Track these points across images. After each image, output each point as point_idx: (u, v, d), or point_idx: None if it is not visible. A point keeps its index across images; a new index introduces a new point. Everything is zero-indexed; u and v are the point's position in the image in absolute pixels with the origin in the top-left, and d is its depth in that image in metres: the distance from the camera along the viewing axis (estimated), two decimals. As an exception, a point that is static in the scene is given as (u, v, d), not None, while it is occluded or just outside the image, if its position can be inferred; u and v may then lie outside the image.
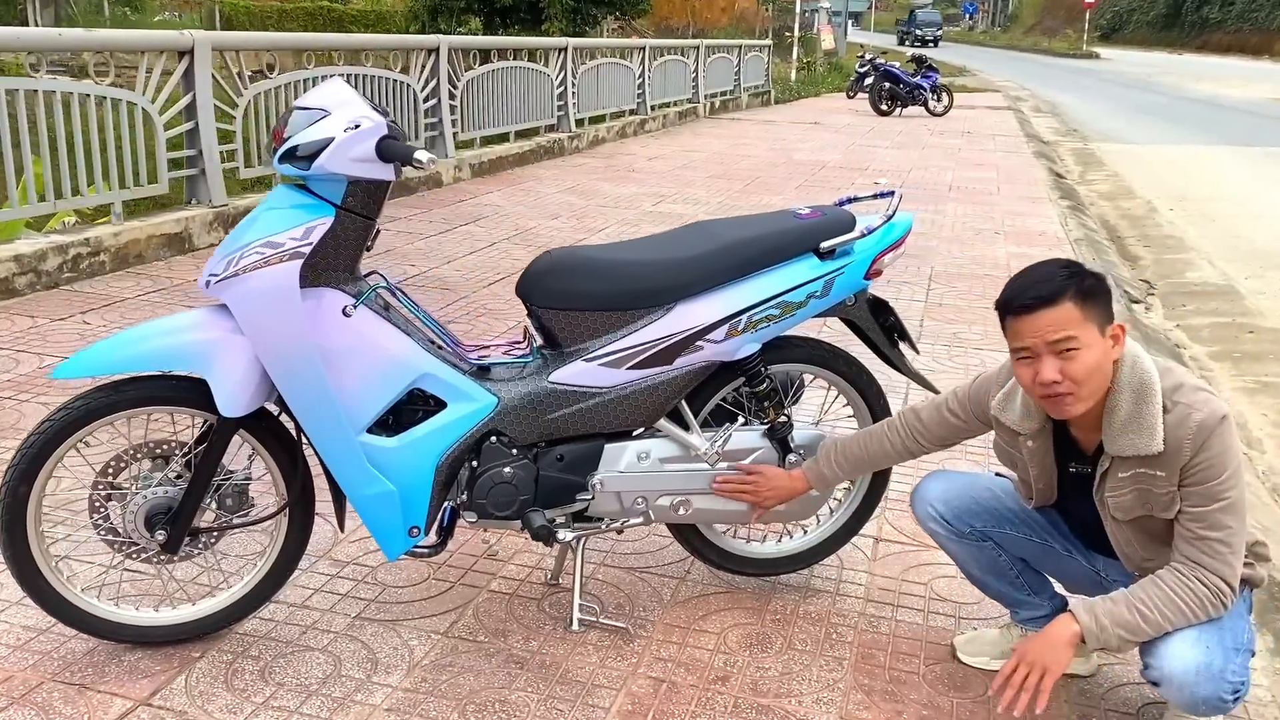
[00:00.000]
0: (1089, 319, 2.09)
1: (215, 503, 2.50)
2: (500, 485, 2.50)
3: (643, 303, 2.51)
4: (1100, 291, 2.11)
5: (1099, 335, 2.10)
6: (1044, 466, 2.37)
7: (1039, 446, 2.35)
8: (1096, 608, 2.11)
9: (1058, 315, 2.10)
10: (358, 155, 2.20)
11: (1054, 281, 2.11)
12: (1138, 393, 2.12)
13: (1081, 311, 2.09)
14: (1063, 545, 2.50)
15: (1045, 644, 2.10)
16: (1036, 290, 2.13)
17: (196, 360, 2.29)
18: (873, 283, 2.70)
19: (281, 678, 2.44)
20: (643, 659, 2.58)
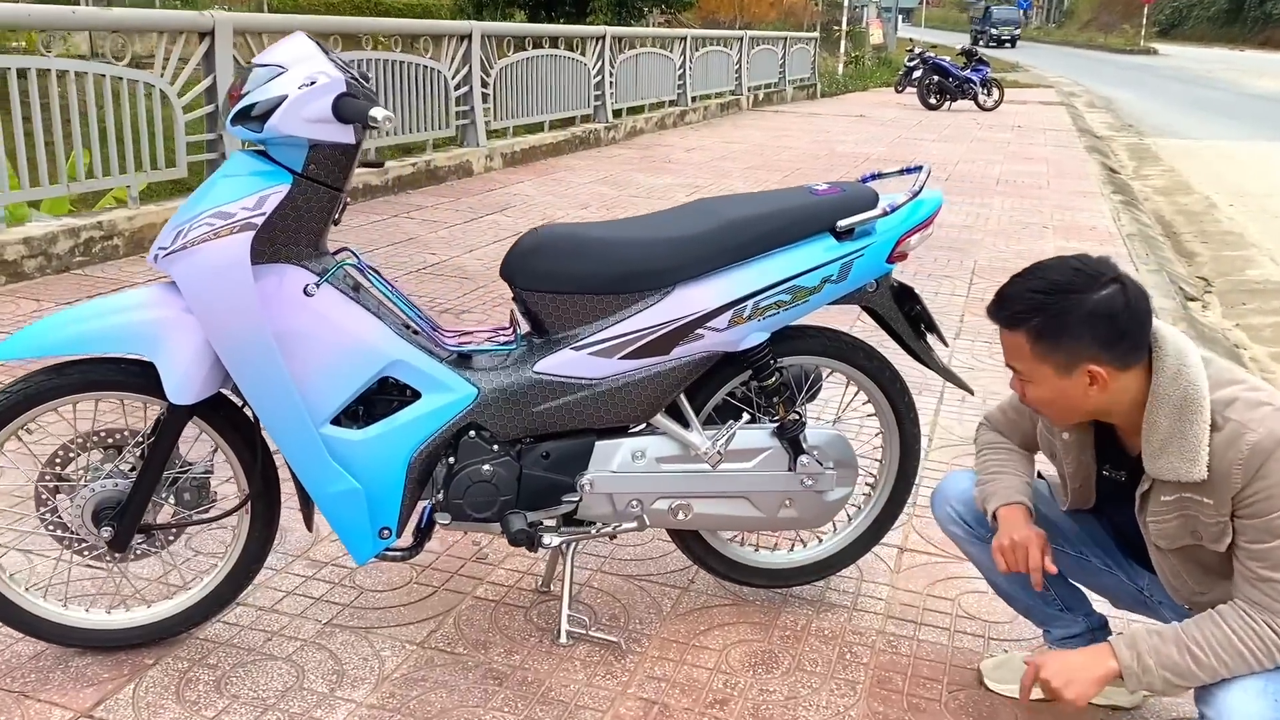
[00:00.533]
0: (1041, 359, 1.87)
1: (172, 498, 2.31)
2: (479, 484, 2.28)
3: (637, 285, 2.27)
4: (1063, 333, 1.83)
5: (1052, 376, 1.87)
6: (1080, 464, 2.10)
7: (1075, 441, 2.08)
8: (1141, 643, 1.83)
9: (1012, 341, 1.91)
10: (312, 115, 1.99)
11: (1015, 304, 1.88)
12: (1179, 409, 1.83)
13: (1033, 348, 1.87)
14: (1101, 559, 2.23)
15: (1073, 668, 1.85)
16: (998, 304, 1.92)
17: (142, 342, 2.09)
18: (897, 267, 2.44)
19: (238, 689, 2.24)
20: (634, 678, 2.34)
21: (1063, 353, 1.84)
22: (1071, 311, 1.82)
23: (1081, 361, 1.84)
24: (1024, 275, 1.91)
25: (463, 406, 2.26)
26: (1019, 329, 1.87)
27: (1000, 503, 2.14)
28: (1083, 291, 1.83)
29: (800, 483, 2.46)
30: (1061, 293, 1.84)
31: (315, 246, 2.16)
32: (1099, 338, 1.82)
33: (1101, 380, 1.85)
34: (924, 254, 6.78)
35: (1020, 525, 2.09)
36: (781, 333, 2.46)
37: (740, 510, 2.47)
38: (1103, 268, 1.86)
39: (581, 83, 11.48)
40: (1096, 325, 1.82)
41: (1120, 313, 1.82)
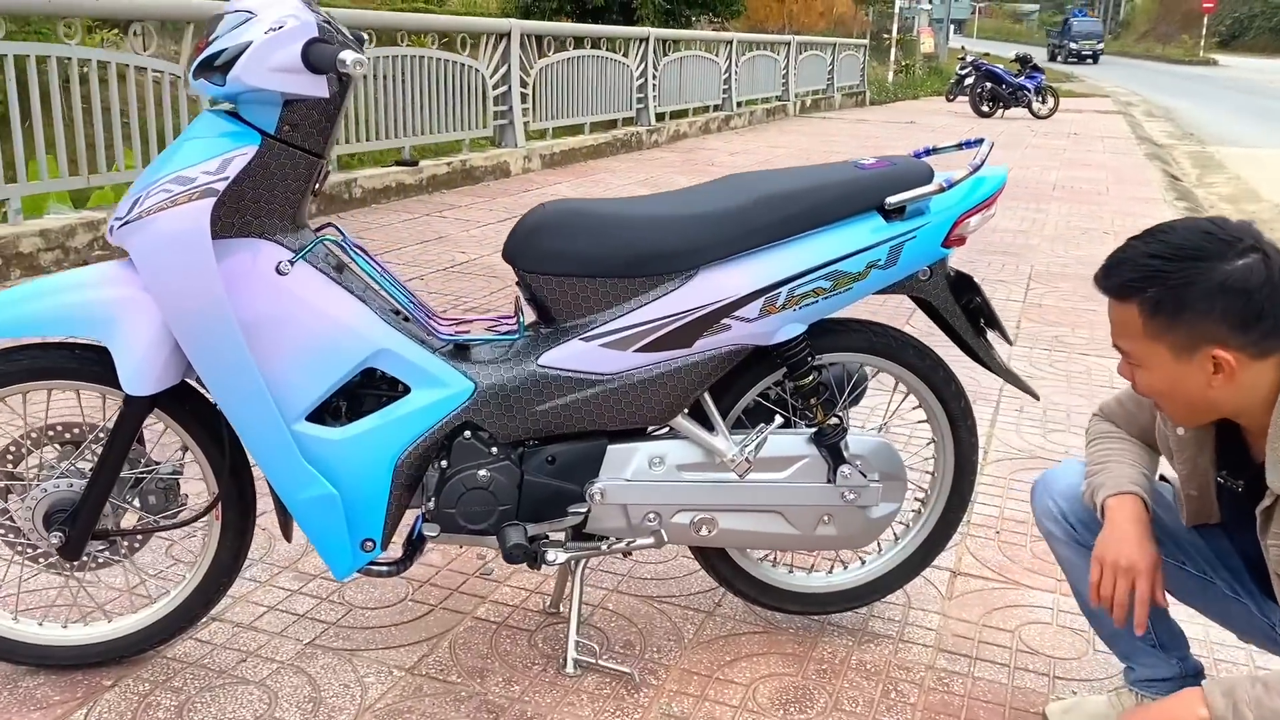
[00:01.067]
0: (1155, 338, 1.56)
1: (137, 501, 2.07)
2: (473, 491, 2.01)
3: (655, 268, 2.00)
4: (1184, 308, 1.52)
5: (1168, 359, 1.56)
6: (1195, 468, 1.78)
7: (1191, 438, 1.75)
8: (1240, 691, 1.50)
9: (1120, 315, 1.60)
10: (279, 64, 1.74)
11: (1129, 270, 1.57)
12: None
13: (1147, 325, 1.56)
14: (1229, 584, 1.88)
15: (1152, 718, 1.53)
16: (1108, 270, 1.60)
17: (95, 325, 1.85)
18: (954, 254, 2.14)
19: (201, 716, 1.99)
20: (647, 715, 2.06)
21: (1182, 331, 1.53)
22: (1197, 282, 1.50)
23: (1205, 344, 1.52)
24: (1143, 238, 1.59)
25: (457, 404, 1.99)
26: (1131, 300, 1.55)
27: (1110, 492, 1.80)
28: (1213, 259, 1.51)
29: (840, 496, 2.17)
30: (1187, 259, 1.52)
31: (291, 220, 1.92)
32: (1229, 316, 1.50)
33: (1228, 368, 1.52)
34: (978, 258, 6.45)
35: (1129, 536, 1.74)
36: (820, 326, 2.17)
37: (772, 526, 2.18)
38: (1241, 233, 1.54)
39: (624, 85, 11.24)
40: (1227, 300, 1.49)
41: (1259, 288, 1.49)
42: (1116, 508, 1.78)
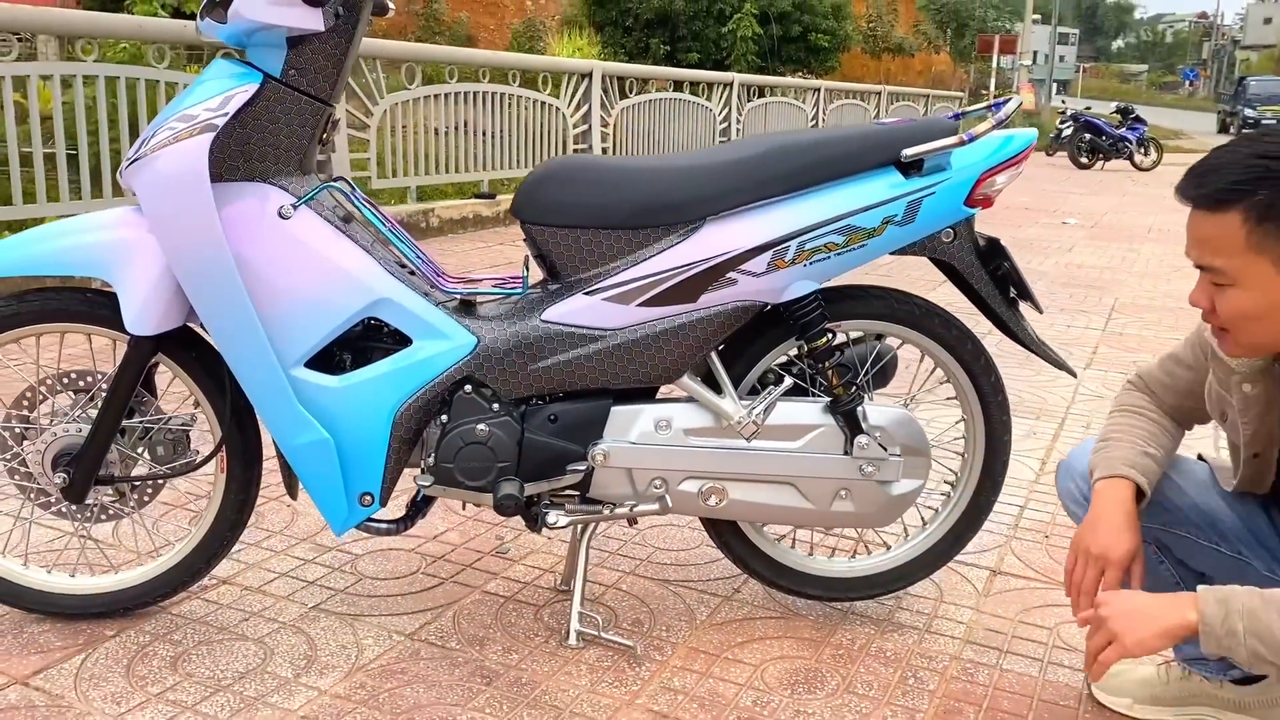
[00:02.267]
0: (1259, 250, 1.42)
1: (147, 452, 2.08)
2: (471, 446, 1.97)
3: (659, 219, 1.95)
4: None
5: (1273, 274, 1.42)
6: (1261, 425, 1.63)
7: (1258, 393, 1.61)
8: (1234, 601, 1.39)
9: (1214, 228, 1.44)
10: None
11: (1229, 173, 1.43)
12: None
13: (1249, 236, 1.42)
14: (1267, 563, 1.73)
15: (1139, 614, 1.44)
16: (1202, 179, 1.46)
17: (101, 265, 1.88)
18: (979, 214, 2.05)
19: (194, 668, 1.97)
20: (646, 688, 1.97)
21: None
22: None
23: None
24: (1240, 143, 1.47)
25: (458, 357, 1.96)
26: (1232, 207, 1.41)
27: (1102, 474, 1.70)
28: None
29: (859, 469, 2.07)
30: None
31: (298, 167, 1.93)
32: None
33: None
34: (1060, 290, 6.25)
35: (1108, 523, 1.64)
36: (839, 292, 2.10)
37: (785, 499, 2.09)
38: None
39: (706, 128, 11.30)
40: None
41: None
42: (1102, 491, 1.69)
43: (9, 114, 4.83)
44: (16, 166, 4.97)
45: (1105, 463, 1.72)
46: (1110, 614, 1.45)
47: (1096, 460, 1.75)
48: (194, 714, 1.83)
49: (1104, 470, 1.71)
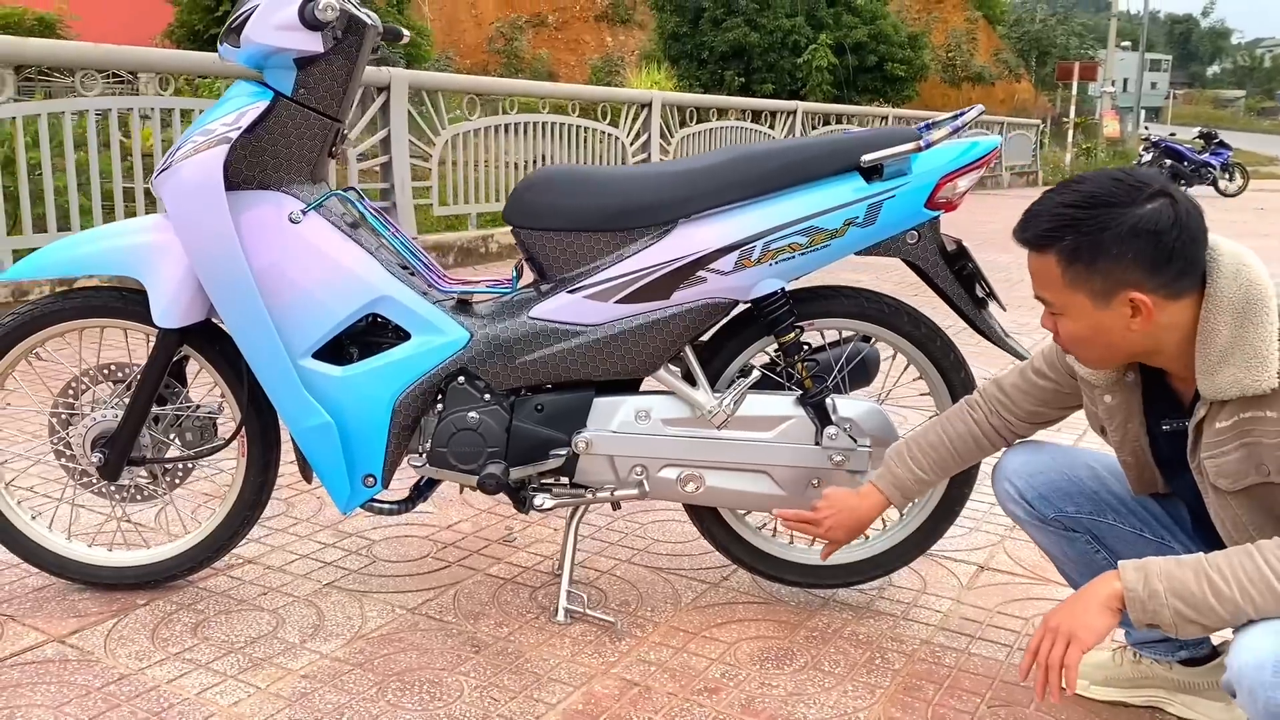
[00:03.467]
0: (1074, 286, 1.57)
1: (176, 437, 2.30)
2: (463, 432, 2.14)
3: (635, 221, 2.11)
4: (1099, 254, 1.53)
5: (1089, 306, 1.58)
6: (1126, 433, 1.77)
7: (1118, 403, 1.76)
8: (1151, 567, 1.49)
9: (1040, 266, 1.61)
10: (280, 21, 1.96)
11: (1043, 220, 1.58)
12: (1241, 310, 1.53)
13: (1065, 273, 1.57)
14: (1186, 546, 1.84)
15: (1074, 607, 1.52)
16: (1025, 223, 1.62)
17: (134, 265, 2.11)
18: (943, 216, 2.16)
19: (211, 633, 2.17)
20: (623, 659, 2.11)
21: (1099, 278, 1.54)
22: (1109, 228, 1.52)
23: (1122, 288, 1.54)
24: (1056, 190, 1.62)
25: (452, 351, 2.14)
26: (1048, 250, 1.58)
27: (873, 479, 2.04)
28: (1123, 205, 1.53)
29: (829, 459, 2.19)
30: (1098, 206, 1.54)
31: (309, 177, 2.13)
32: (1142, 259, 1.52)
33: (1146, 310, 1.54)
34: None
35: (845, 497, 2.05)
36: (811, 292, 2.23)
37: (760, 487, 2.22)
38: (1148, 179, 1.56)
39: (771, 156, 11.40)
40: (1139, 244, 1.51)
41: (1168, 229, 1.51)
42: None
43: (114, 150, 5.21)
44: (121, 202, 5.34)
45: (884, 463, 2.05)
46: (1055, 623, 1.52)
47: (892, 451, 2.05)
48: (206, 670, 2.02)
49: (876, 475, 2.05)
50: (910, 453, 2.03)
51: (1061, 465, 1.95)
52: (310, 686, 1.97)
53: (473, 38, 34.68)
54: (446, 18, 34.42)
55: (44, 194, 5.07)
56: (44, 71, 8.60)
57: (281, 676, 2.01)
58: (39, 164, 5.08)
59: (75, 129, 5.20)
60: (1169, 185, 1.55)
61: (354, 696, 1.95)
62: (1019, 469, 1.96)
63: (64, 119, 5.12)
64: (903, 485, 2.03)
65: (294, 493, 2.94)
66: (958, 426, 2.02)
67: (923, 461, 2.02)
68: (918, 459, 2.02)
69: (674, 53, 25.72)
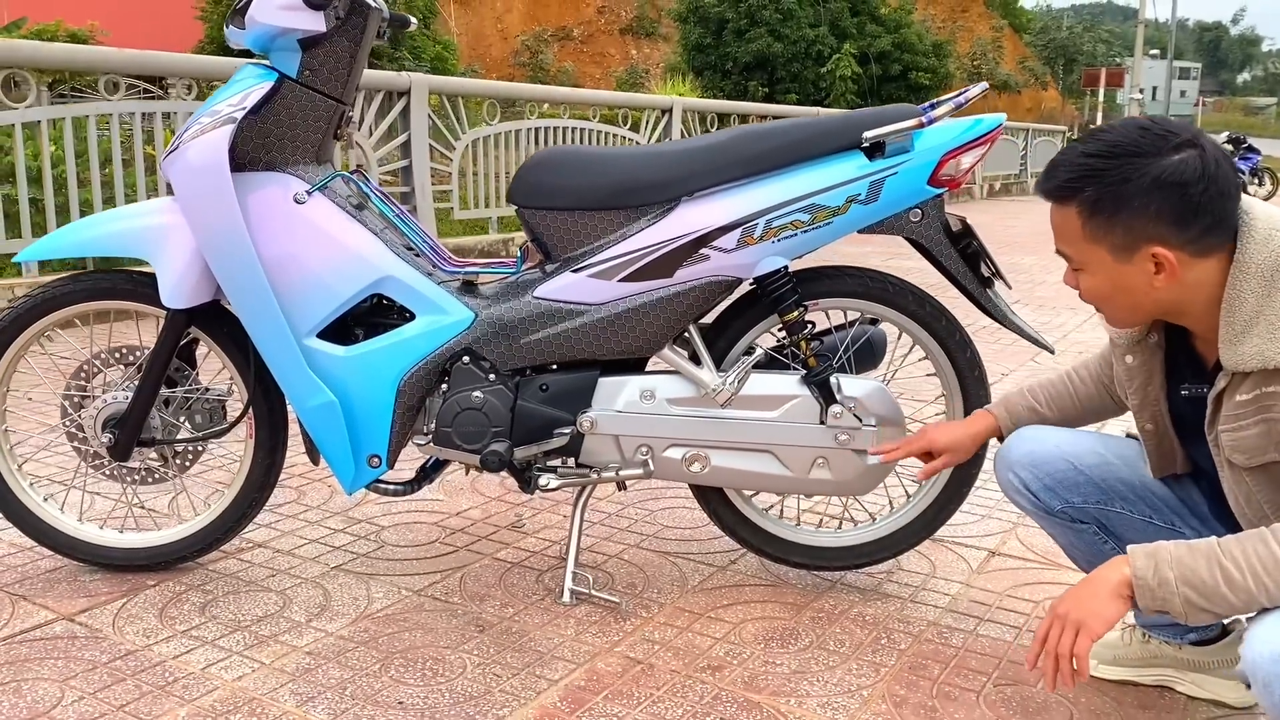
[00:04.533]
0: (1095, 239, 1.52)
1: (186, 420, 2.32)
2: (467, 412, 2.15)
3: (637, 200, 2.11)
4: (1121, 206, 1.47)
5: (1110, 261, 1.52)
6: (1146, 395, 1.72)
7: (1138, 364, 1.72)
8: (1162, 553, 1.43)
9: (1061, 219, 1.56)
10: (283, 1, 1.99)
11: (1065, 171, 1.53)
12: (1269, 280, 1.45)
13: (1085, 226, 1.52)
14: (1198, 531, 1.79)
15: (1083, 593, 1.47)
16: (1047, 174, 1.57)
17: (144, 245, 2.13)
18: (946, 194, 2.15)
19: (219, 612, 2.18)
20: (628, 638, 2.10)
21: (1120, 231, 1.49)
22: (1132, 179, 1.47)
23: (1144, 242, 1.48)
24: (1080, 140, 1.58)
25: (457, 331, 2.15)
26: (1069, 202, 1.52)
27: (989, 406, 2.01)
28: (1149, 155, 1.47)
29: (834, 438, 2.18)
30: (1123, 156, 1.48)
31: (314, 158, 2.16)
32: (1166, 212, 1.46)
33: (1170, 267, 1.48)
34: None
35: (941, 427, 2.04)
36: (816, 272, 2.22)
37: (766, 467, 2.21)
38: (1178, 129, 1.50)
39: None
40: (1163, 196, 1.45)
41: (1194, 182, 1.44)
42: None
43: (138, 153, 5.29)
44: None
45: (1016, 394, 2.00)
46: (1063, 610, 1.48)
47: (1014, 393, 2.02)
48: (212, 647, 2.04)
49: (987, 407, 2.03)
50: (1028, 389, 1.99)
51: (1067, 453, 1.89)
52: (314, 662, 1.98)
53: (499, 51, 34.90)
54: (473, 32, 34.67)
55: (69, 201, 5.14)
56: (77, 88, 8.76)
57: (286, 653, 2.02)
58: (64, 171, 5.16)
59: (99, 128, 5.26)
60: (1200, 135, 1.48)
61: (357, 672, 1.95)
62: (1023, 459, 1.91)
63: (89, 122, 5.19)
64: (1013, 409, 1.98)
65: (305, 481, 2.96)
66: (1068, 386, 1.98)
67: (1040, 395, 1.98)
68: (1034, 391, 1.99)
69: (698, 64, 25.80)
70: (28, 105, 4.91)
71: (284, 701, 1.85)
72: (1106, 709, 1.89)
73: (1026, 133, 19.10)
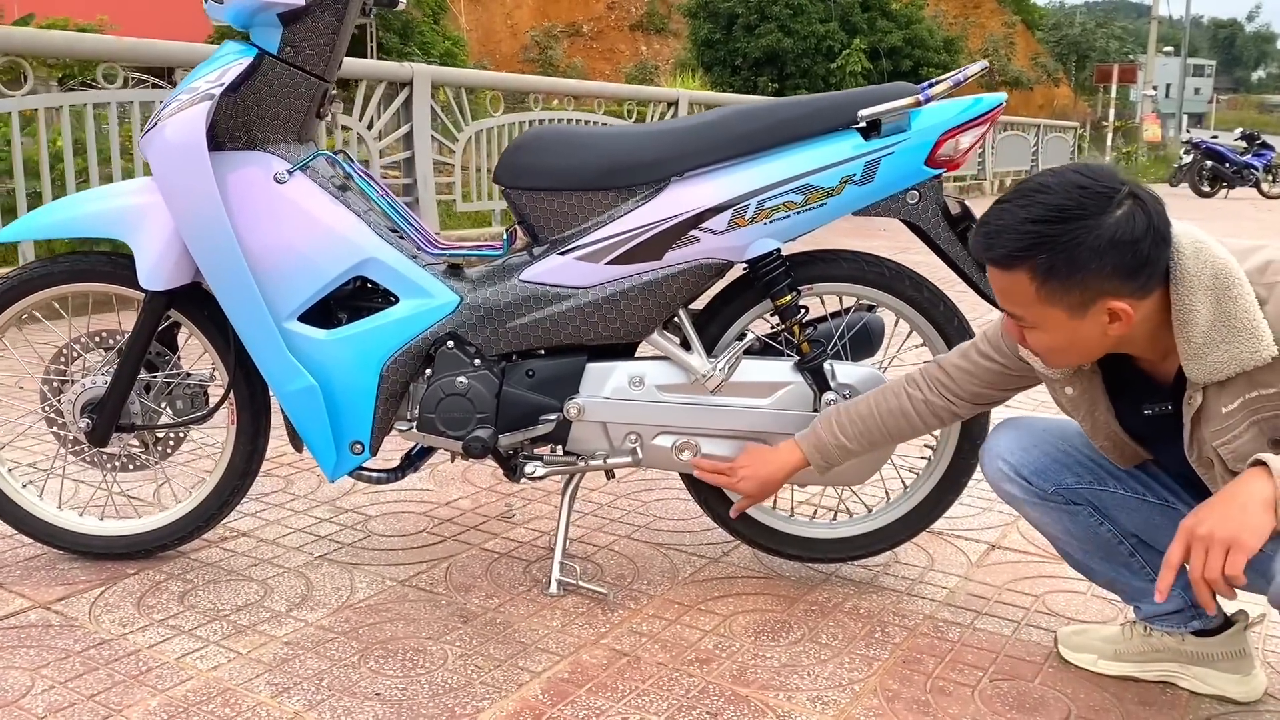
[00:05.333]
0: (1049, 302, 1.49)
1: (167, 405, 2.27)
2: (451, 398, 2.10)
3: (626, 180, 2.06)
4: (1075, 269, 1.45)
5: (1065, 319, 1.51)
6: (1096, 421, 1.72)
7: (1080, 393, 1.71)
8: (819, 423, 1.52)
9: (1009, 283, 1.52)
10: (259, -26, 1.94)
11: (1011, 239, 1.48)
12: (1215, 289, 1.47)
13: (1040, 290, 1.49)
14: (1190, 506, 1.74)
15: (1227, 509, 1.39)
16: (988, 240, 1.51)
17: (121, 226, 2.09)
18: (944, 175, 2.09)
19: (198, 601, 2.14)
20: (614, 630, 2.05)
21: (1076, 292, 1.47)
22: (1084, 242, 1.44)
23: (1100, 299, 1.47)
24: (1016, 201, 1.50)
25: (441, 315, 2.10)
26: (1019, 267, 1.49)
27: (796, 437, 2.02)
28: (1094, 215, 1.45)
29: (828, 427, 2.12)
30: (1070, 220, 1.45)
31: (296, 137, 2.10)
32: (1120, 269, 1.45)
33: (1125, 316, 1.48)
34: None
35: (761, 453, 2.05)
36: (810, 256, 2.17)
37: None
38: (1111, 181, 1.47)
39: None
40: (1117, 254, 1.44)
41: (1143, 237, 1.45)
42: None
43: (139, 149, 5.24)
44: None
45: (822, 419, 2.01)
46: (1205, 531, 1.39)
47: (823, 414, 2.03)
48: (189, 636, 1.99)
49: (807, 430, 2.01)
50: (839, 418, 1.97)
51: (1054, 437, 1.88)
52: (292, 652, 1.93)
53: (508, 47, 34.85)
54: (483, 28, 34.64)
55: (66, 193, 5.11)
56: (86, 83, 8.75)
57: (264, 643, 1.97)
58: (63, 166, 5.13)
59: (98, 120, 5.23)
60: (1133, 184, 1.48)
61: (335, 663, 1.90)
62: (1010, 446, 1.88)
63: (87, 111, 5.16)
64: (823, 448, 1.98)
65: (293, 469, 2.91)
66: (890, 402, 1.95)
67: (849, 429, 1.96)
68: (844, 426, 1.96)
69: (708, 60, 25.74)
70: (25, 93, 4.87)
71: (259, 692, 1.80)
72: (1106, 705, 1.83)
73: (1038, 129, 18.95)
